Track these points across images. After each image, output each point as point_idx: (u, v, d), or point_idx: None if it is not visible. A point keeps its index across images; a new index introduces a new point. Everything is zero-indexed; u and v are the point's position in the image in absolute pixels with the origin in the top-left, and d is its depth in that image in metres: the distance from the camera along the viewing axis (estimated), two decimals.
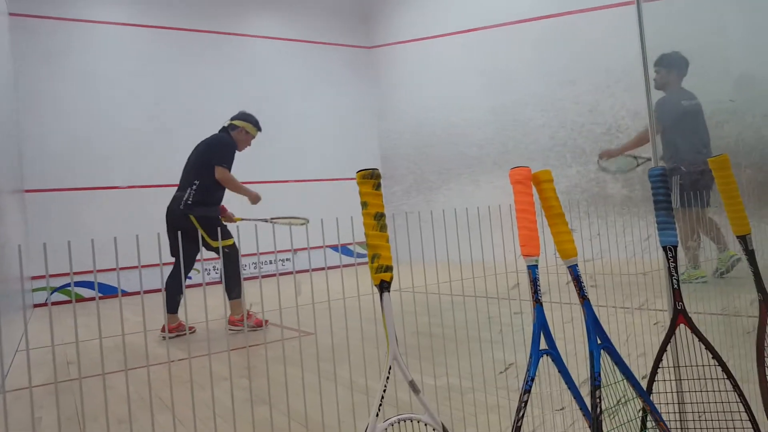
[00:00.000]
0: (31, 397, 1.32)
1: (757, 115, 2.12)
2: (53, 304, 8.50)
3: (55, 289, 8.58)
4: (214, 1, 10.62)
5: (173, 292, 4.78)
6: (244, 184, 5.26)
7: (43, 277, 7.67)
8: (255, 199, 5.26)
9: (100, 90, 9.39)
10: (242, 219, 4.96)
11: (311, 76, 11.35)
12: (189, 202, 4.86)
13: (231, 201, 5.40)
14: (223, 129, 5.33)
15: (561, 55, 8.32)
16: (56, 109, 9.05)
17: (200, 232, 4.72)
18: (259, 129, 5.47)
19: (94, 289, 8.45)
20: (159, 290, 8.86)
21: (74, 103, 9.17)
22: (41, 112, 8.93)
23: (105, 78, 9.45)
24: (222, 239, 4.77)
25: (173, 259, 5.16)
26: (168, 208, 5.00)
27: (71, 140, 9.07)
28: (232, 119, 5.34)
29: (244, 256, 9.66)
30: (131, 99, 9.61)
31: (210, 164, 4.98)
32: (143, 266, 1.69)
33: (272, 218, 5.00)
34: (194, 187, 4.92)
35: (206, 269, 9.60)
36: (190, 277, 5.72)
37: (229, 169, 5.04)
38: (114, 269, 1.40)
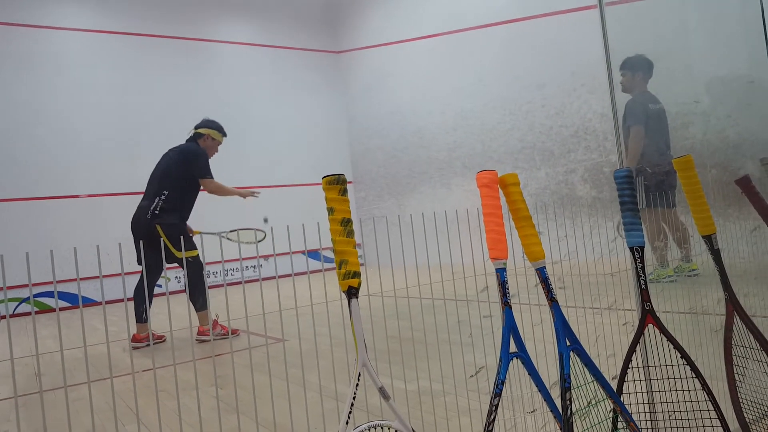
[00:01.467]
0: None
1: (720, 116, 2.15)
2: (20, 315, 8.28)
3: (20, 301, 8.38)
4: (181, 7, 10.48)
5: (139, 301, 4.69)
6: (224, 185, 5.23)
7: (5, 288, 7.43)
8: (246, 194, 5.36)
9: (64, 97, 9.19)
10: (200, 232, 4.88)
11: (280, 81, 11.28)
12: (156, 212, 4.76)
13: (201, 208, 5.34)
14: (190, 138, 5.23)
15: (528, 59, 8.40)
16: (18, 116, 8.83)
17: (164, 242, 4.61)
18: (224, 134, 5.40)
19: (56, 299, 8.25)
20: (122, 300, 8.71)
21: (37, 110, 8.96)
22: (4, 120, 8.71)
23: (69, 85, 9.25)
24: (186, 250, 4.72)
25: (140, 268, 5.04)
26: (134, 217, 4.89)
27: (33, 148, 8.86)
28: (196, 128, 5.26)
29: (209, 264, 9.59)
30: (96, 106, 9.43)
31: (185, 176, 4.92)
32: (105, 276, 1.63)
33: (230, 231, 4.97)
34: (162, 197, 4.83)
35: (177, 277, 9.46)
36: (159, 285, 5.60)
37: (213, 178, 5.05)
38: (75, 279, 1.35)
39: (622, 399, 1.55)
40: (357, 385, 1.31)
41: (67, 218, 8.91)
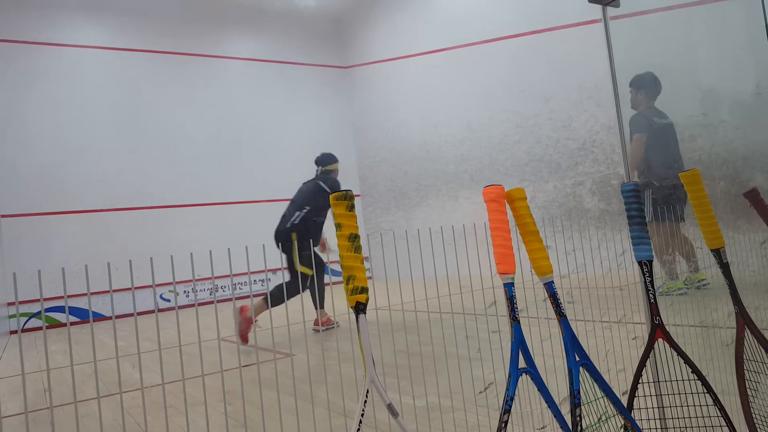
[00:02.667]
0: (0, 427, 1.26)
1: (728, 128, 2.14)
2: (30, 330, 8.31)
3: (31, 316, 8.42)
4: (189, 23, 10.60)
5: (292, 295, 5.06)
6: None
7: (17, 304, 7.51)
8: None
9: (73, 113, 9.28)
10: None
11: (288, 96, 11.36)
12: (295, 222, 5.41)
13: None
14: (324, 173, 6.02)
15: (534, 73, 8.42)
16: (28, 132, 8.92)
17: (294, 250, 5.22)
18: (316, 164, 6.15)
19: (66, 315, 8.28)
20: (131, 314, 8.74)
21: (46, 126, 9.06)
22: (13, 136, 8.80)
23: (77, 101, 9.35)
24: (303, 265, 5.22)
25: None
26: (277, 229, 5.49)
27: (44, 164, 8.95)
28: (323, 164, 6.08)
29: (218, 278, 9.56)
30: (104, 122, 9.52)
31: (326, 207, 5.48)
32: (115, 290, 1.64)
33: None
34: (303, 212, 5.49)
35: (185, 291, 9.47)
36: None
37: None
38: (85, 294, 1.36)
39: (632, 415, 1.54)
40: (365, 401, 1.31)
41: (75, 234, 8.97)
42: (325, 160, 6.10)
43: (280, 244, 5.23)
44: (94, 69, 9.62)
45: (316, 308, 5.24)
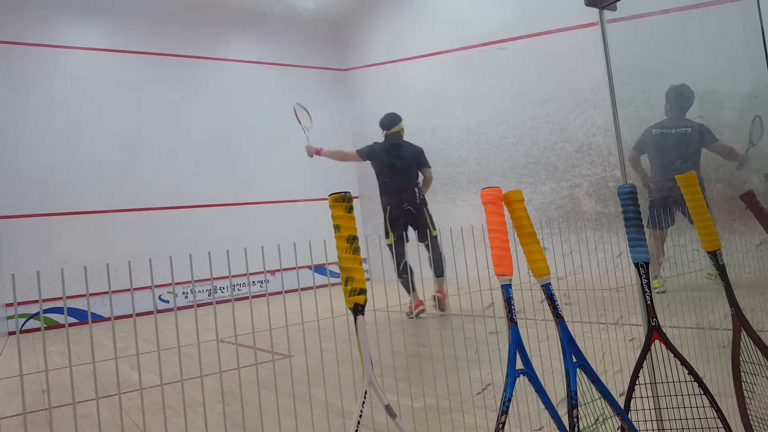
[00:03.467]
0: None
1: (724, 131, 2.16)
2: (28, 331, 8.30)
3: (29, 317, 8.40)
4: (187, 26, 10.61)
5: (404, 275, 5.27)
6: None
7: (16, 305, 7.50)
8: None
9: (73, 115, 9.29)
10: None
11: (287, 98, 11.36)
12: (422, 197, 5.70)
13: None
14: (392, 136, 6.07)
15: (531, 75, 8.44)
16: (28, 134, 8.92)
17: (429, 221, 5.53)
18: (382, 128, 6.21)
19: (65, 317, 8.30)
20: (130, 315, 8.74)
21: (46, 128, 9.06)
22: (13, 137, 8.80)
23: (78, 103, 9.35)
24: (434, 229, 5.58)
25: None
26: (399, 203, 5.68)
27: (44, 165, 8.96)
28: (389, 128, 6.13)
29: (216, 279, 9.60)
30: (104, 124, 9.53)
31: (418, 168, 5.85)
32: (114, 291, 1.64)
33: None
34: (417, 186, 5.74)
35: (184, 293, 9.47)
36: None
37: None
38: (83, 295, 1.36)
39: (629, 416, 1.54)
40: (363, 402, 1.31)
41: (74, 235, 8.97)
42: (393, 121, 6.15)
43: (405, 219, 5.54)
44: (94, 71, 9.62)
45: (409, 292, 5.21)
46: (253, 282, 10.05)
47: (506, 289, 1.41)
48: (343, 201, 1.35)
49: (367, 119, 11.68)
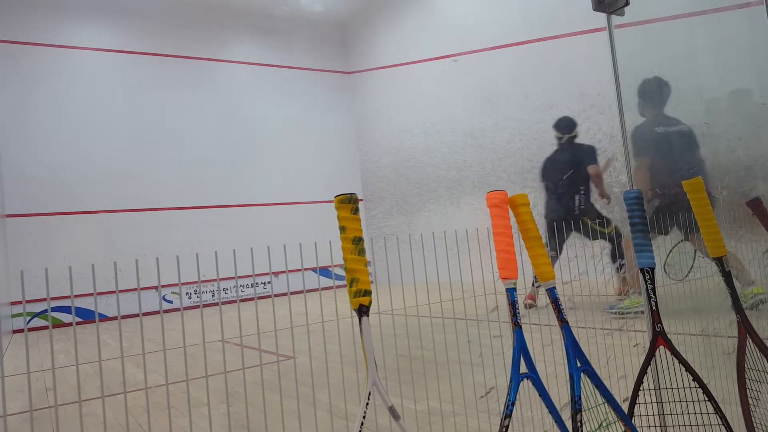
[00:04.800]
0: (5, 425, 1.28)
1: (731, 138, 2.15)
2: (32, 329, 8.33)
3: (34, 315, 8.43)
4: (194, 28, 10.65)
5: None
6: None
7: (24, 302, 7.54)
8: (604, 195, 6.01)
9: (80, 115, 9.34)
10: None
11: (291, 101, 11.41)
12: (582, 207, 5.69)
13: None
14: (569, 140, 6.07)
15: (538, 80, 8.44)
16: (36, 133, 8.97)
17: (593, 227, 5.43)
18: (562, 131, 6.14)
19: (72, 316, 8.33)
20: (135, 315, 8.74)
21: (52, 127, 9.10)
22: (19, 137, 8.84)
23: (84, 103, 9.40)
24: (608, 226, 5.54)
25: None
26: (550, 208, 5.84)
27: (51, 165, 9.00)
28: (568, 132, 6.08)
29: (222, 280, 9.63)
30: (111, 124, 9.58)
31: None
32: (121, 291, 1.66)
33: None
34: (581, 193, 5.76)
35: (187, 293, 9.49)
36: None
37: None
38: (89, 294, 1.37)
39: (633, 422, 1.54)
40: (367, 404, 1.31)
41: (79, 235, 9.00)
42: (572, 124, 6.12)
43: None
44: (101, 71, 9.67)
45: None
46: (258, 283, 10.07)
47: (511, 292, 1.41)
48: (348, 202, 1.35)
49: (372, 122, 11.70)
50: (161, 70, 10.13)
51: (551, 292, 1.48)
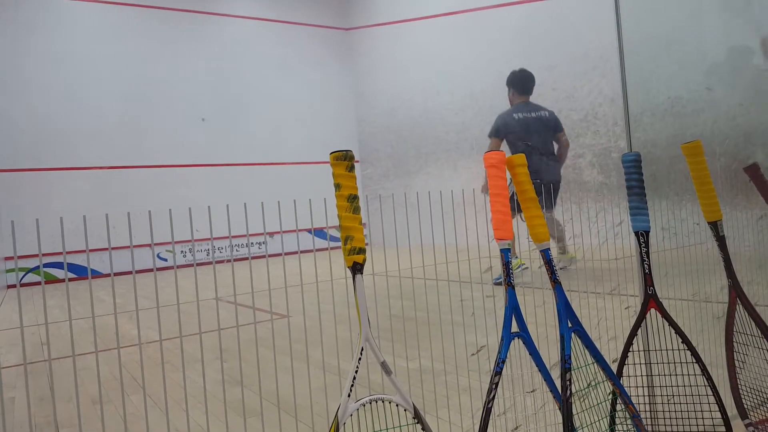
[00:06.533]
0: (0, 378, 1.28)
1: (732, 104, 2.13)
2: (25, 285, 8.36)
3: (28, 270, 8.45)
4: None
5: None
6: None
7: (16, 258, 7.55)
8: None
9: (69, 67, 9.18)
10: None
11: (287, 57, 11.23)
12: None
13: None
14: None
15: (540, 41, 8.32)
16: (25, 87, 8.84)
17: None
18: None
19: (65, 271, 8.35)
20: (130, 272, 8.76)
21: (43, 81, 8.96)
22: (10, 89, 8.72)
23: (75, 56, 9.24)
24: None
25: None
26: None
27: (41, 120, 8.89)
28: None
29: (216, 239, 9.64)
30: (102, 78, 9.43)
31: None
32: (114, 248, 1.65)
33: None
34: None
35: (182, 252, 9.52)
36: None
37: None
38: (82, 251, 1.36)
39: (621, 381, 1.56)
40: (359, 358, 1.33)
41: (72, 190, 8.96)
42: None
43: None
44: (95, 22, 9.49)
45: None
46: (253, 243, 10.09)
47: (505, 253, 1.41)
48: (344, 160, 1.34)
49: (369, 81, 11.56)
50: (156, 23, 9.94)
51: (545, 254, 1.48)
